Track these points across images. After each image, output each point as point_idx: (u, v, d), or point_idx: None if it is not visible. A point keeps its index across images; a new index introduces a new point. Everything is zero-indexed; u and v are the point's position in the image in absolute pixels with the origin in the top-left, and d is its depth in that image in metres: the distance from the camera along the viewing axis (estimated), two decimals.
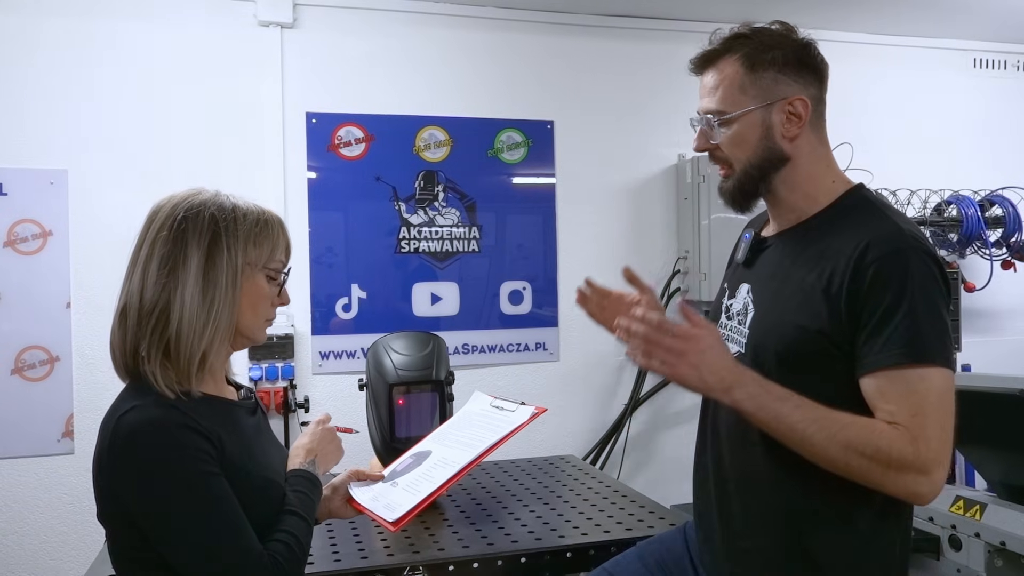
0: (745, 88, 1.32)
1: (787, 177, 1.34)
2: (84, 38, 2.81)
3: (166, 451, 1.13)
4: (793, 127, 1.31)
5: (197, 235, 1.21)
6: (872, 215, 1.28)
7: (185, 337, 1.19)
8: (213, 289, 1.21)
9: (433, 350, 2.15)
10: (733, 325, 1.41)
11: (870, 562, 1.28)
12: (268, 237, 1.28)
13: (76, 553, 2.77)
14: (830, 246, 1.27)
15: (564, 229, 3.31)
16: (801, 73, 1.33)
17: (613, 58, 3.36)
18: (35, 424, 2.75)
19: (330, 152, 3.06)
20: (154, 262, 1.20)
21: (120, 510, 1.17)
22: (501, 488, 2.36)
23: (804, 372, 1.26)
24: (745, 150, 1.33)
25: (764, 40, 1.34)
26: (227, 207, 1.26)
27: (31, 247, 2.76)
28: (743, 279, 1.43)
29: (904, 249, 1.22)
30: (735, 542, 1.38)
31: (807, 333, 1.26)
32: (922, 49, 3.72)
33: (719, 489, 1.42)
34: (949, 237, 3.41)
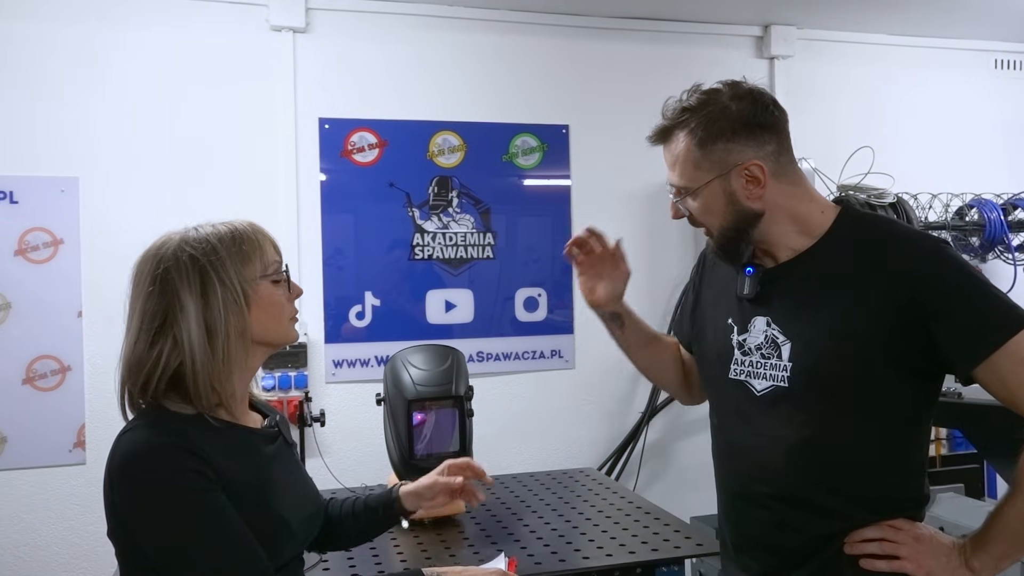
0: (699, 163, 1.35)
1: (770, 223, 1.37)
2: (95, 45, 2.77)
3: (159, 471, 1.12)
4: (755, 188, 1.34)
5: (185, 282, 1.19)
6: (884, 230, 1.34)
7: (203, 382, 1.17)
8: (217, 326, 1.19)
9: (452, 364, 2.11)
10: (755, 360, 1.40)
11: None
12: (253, 248, 1.26)
13: (88, 565, 2.75)
14: (857, 268, 1.30)
15: None
16: (752, 135, 1.33)
17: (628, 61, 3.31)
18: (46, 434, 2.72)
19: (343, 158, 3.02)
20: (148, 321, 1.18)
21: (124, 530, 1.15)
22: (519, 502, 2.33)
23: (856, 393, 1.29)
24: (715, 217, 1.37)
25: (710, 113, 1.34)
26: (201, 241, 1.23)
27: (42, 256, 2.72)
28: (755, 313, 1.41)
29: (935, 250, 1.28)
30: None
31: (857, 355, 1.28)
32: (942, 50, 3.66)
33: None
34: (971, 241, 3.36)
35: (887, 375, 1.28)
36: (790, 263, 1.38)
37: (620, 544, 1.90)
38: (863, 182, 3.16)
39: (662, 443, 3.33)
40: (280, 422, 1.37)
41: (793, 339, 1.35)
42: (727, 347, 1.45)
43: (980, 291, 1.25)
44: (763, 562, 1.41)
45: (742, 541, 1.46)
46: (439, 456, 2.03)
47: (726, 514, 1.50)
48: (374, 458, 2.76)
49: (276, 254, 1.30)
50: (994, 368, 1.22)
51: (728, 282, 1.49)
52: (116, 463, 1.14)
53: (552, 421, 3.21)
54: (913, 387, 1.31)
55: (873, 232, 1.33)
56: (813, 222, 1.37)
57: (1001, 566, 1.27)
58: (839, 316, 1.30)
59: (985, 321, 1.23)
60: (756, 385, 1.39)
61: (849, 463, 1.32)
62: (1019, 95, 3.76)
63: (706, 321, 1.55)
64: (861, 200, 3.10)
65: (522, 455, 3.17)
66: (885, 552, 1.29)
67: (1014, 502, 1.23)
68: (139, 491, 1.12)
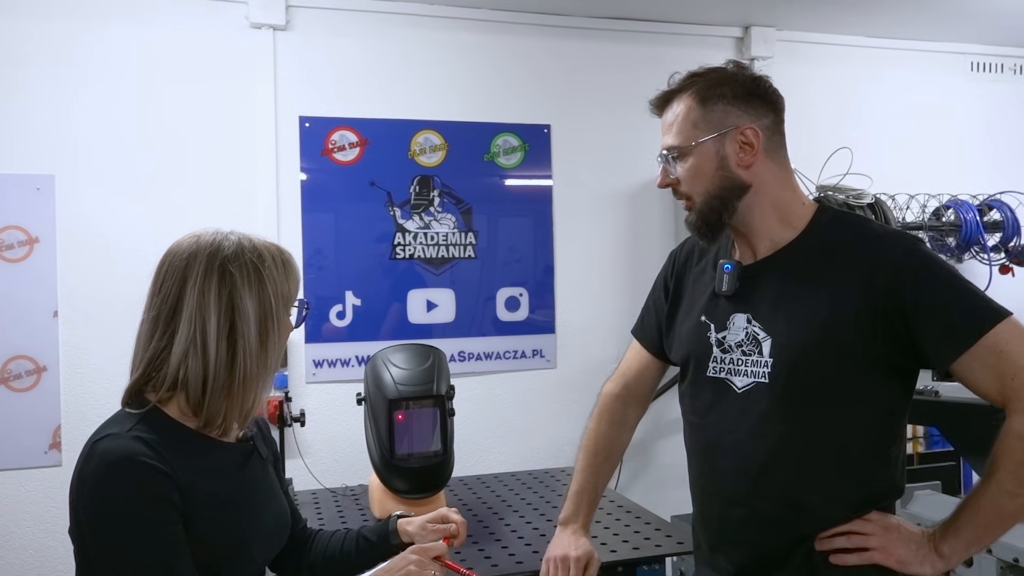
0: (697, 122, 1.37)
1: (753, 204, 1.38)
2: (71, 41, 2.74)
3: (126, 489, 1.11)
4: (747, 155, 1.36)
5: (247, 282, 1.20)
6: (861, 228, 1.37)
7: (250, 384, 1.19)
8: (271, 336, 1.21)
9: (434, 363, 2.10)
10: (736, 357, 1.40)
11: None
12: (292, 278, 1.28)
13: (64, 568, 2.71)
14: (835, 265, 1.33)
15: (561, 234, 3.27)
16: (751, 104, 1.37)
17: (610, 61, 3.32)
18: (21, 436, 2.68)
19: (324, 157, 3.00)
20: (212, 314, 1.17)
21: (80, 530, 1.15)
22: (501, 502, 2.32)
23: (836, 389, 1.31)
24: (703, 181, 1.38)
25: (715, 77, 1.39)
26: (255, 250, 1.24)
27: (17, 254, 2.68)
28: (735, 310, 1.42)
29: (910, 247, 1.30)
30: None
31: (837, 351, 1.30)
32: (919, 52, 3.70)
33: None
34: (948, 242, 3.39)
35: (866, 370, 1.30)
36: (769, 259, 1.40)
37: (601, 543, 1.90)
38: (842, 183, 3.18)
39: (643, 443, 3.33)
40: (256, 435, 1.36)
41: (774, 335, 1.36)
42: (705, 345, 1.46)
43: (957, 286, 1.27)
44: (737, 563, 1.41)
45: (718, 541, 1.46)
46: (420, 455, 2.02)
47: (702, 514, 1.50)
48: (354, 458, 2.75)
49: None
50: (972, 362, 1.24)
51: (701, 282, 1.51)
52: (89, 469, 1.12)
53: (534, 421, 3.21)
54: (891, 382, 1.33)
55: (850, 230, 1.36)
56: (794, 213, 1.39)
57: (970, 551, 1.30)
58: (819, 312, 1.31)
59: (963, 315, 1.25)
60: (736, 382, 1.39)
61: (828, 457, 1.33)
62: (995, 97, 3.81)
63: (679, 322, 1.55)
64: (840, 200, 3.12)
65: (503, 455, 3.16)
66: (854, 545, 1.31)
67: (987, 488, 1.25)
68: (101, 504, 1.11)
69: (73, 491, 1.15)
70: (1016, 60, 3.83)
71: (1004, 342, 1.23)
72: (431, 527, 1.44)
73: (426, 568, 1.27)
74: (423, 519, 1.46)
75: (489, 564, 1.79)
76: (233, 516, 1.22)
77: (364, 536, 1.46)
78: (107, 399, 2.67)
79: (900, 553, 1.29)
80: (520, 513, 2.18)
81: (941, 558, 1.28)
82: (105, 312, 2.71)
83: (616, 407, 1.69)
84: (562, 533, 1.62)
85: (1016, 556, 1.76)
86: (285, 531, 1.37)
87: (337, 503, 2.41)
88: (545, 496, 2.36)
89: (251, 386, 1.20)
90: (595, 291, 3.28)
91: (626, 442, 1.72)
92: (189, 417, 1.20)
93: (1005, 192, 3.41)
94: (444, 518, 1.45)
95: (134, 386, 1.21)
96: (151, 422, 1.17)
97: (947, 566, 1.29)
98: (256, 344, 1.19)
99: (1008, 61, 3.82)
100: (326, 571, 1.45)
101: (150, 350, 1.19)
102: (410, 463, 2.01)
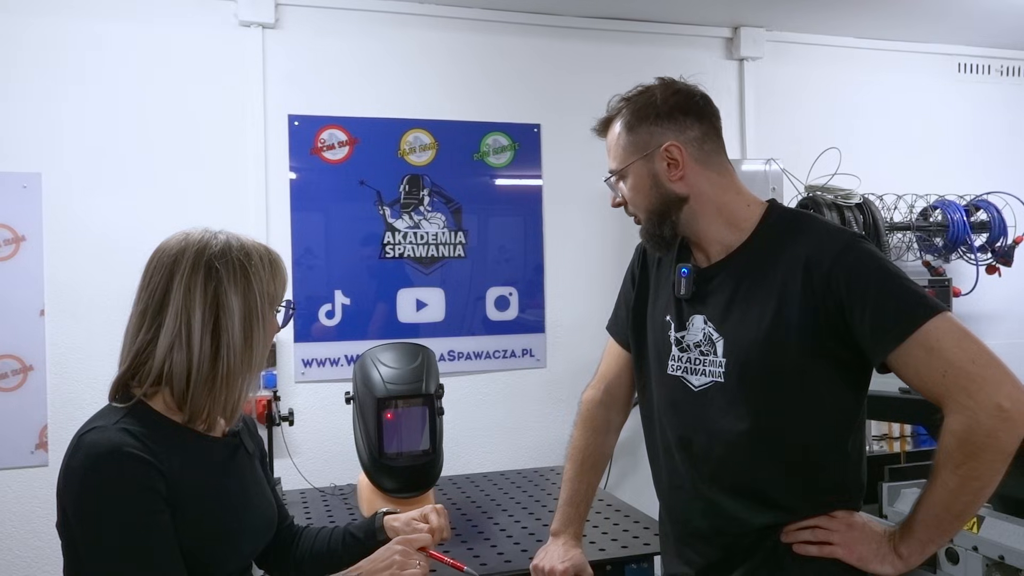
0: (626, 146, 1.44)
1: (695, 212, 1.42)
2: (59, 38, 2.72)
3: (113, 478, 1.11)
4: (675, 171, 1.41)
5: (233, 281, 1.21)
6: (804, 226, 1.39)
7: (233, 379, 1.19)
8: (256, 335, 1.21)
9: (423, 362, 2.10)
10: (694, 356, 1.43)
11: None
12: (277, 277, 1.29)
13: (52, 568, 2.69)
14: (781, 265, 1.35)
15: (551, 233, 3.27)
16: (674, 120, 1.42)
17: (599, 61, 3.32)
18: (8, 435, 2.66)
19: (313, 155, 2.99)
20: (197, 309, 1.18)
21: (67, 524, 1.15)
22: (490, 501, 2.32)
23: (788, 386, 1.34)
24: (642, 199, 1.45)
25: (641, 100, 1.45)
26: (244, 249, 1.25)
27: (3, 253, 2.66)
28: (693, 311, 1.45)
29: (848, 244, 1.32)
30: None
31: (786, 349, 1.32)
32: (907, 54, 3.72)
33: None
34: (935, 242, 3.41)
35: (816, 367, 1.32)
36: (722, 262, 1.43)
37: (591, 541, 1.90)
38: (830, 183, 3.20)
39: (632, 442, 3.33)
40: (242, 431, 1.36)
41: (726, 336, 1.39)
42: (666, 343, 1.49)
43: (891, 281, 1.28)
44: (705, 555, 1.44)
45: (684, 534, 1.49)
46: (409, 454, 2.02)
47: (667, 508, 1.54)
48: (343, 457, 2.74)
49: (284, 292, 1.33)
50: (905, 358, 1.25)
51: (667, 280, 1.53)
52: (76, 460, 1.13)
53: (523, 420, 3.21)
54: (843, 377, 1.35)
55: (793, 227, 1.39)
56: (739, 215, 1.42)
57: (927, 551, 1.31)
58: (766, 311, 1.34)
59: (896, 310, 1.25)
60: (693, 381, 1.43)
61: (785, 453, 1.35)
62: (982, 98, 3.83)
63: (645, 317, 1.57)
64: (828, 200, 3.14)
65: (493, 454, 3.16)
66: (818, 539, 1.34)
67: (933, 488, 1.26)
68: (89, 494, 1.11)
69: (60, 484, 1.15)
70: (1003, 61, 3.86)
71: (935, 339, 1.22)
72: (416, 524, 1.45)
73: (411, 558, 1.29)
74: (408, 515, 1.47)
75: (478, 563, 1.79)
76: (219, 508, 1.23)
77: (351, 533, 1.47)
78: (94, 399, 2.63)
79: (861, 551, 1.32)
80: (509, 512, 2.18)
81: (900, 558, 1.30)
82: (92, 311, 2.69)
83: (598, 413, 1.70)
84: (553, 543, 1.63)
85: (1002, 553, 1.77)
86: (272, 526, 1.38)
87: (326, 502, 2.40)
88: (535, 495, 2.36)
89: (235, 381, 1.21)
90: (585, 291, 3.28)
91: (611, 447, 1.73)
92: (175, 411, 1.22)
93: (992, 193, 3.44)
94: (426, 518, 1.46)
95: (121, 380, 1.21)
96: (137, 415, 1.18)
97: (906, 566, 1.31)
98: (240, 340, 1.20)
99: (995, 63, 3.84)
100: (313, 568, 1.45)
101: (136, 344, 1.20)
102: (399, 462, 2.01)
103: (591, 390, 1.72)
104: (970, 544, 1.84)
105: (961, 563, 1.86)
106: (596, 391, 1.70)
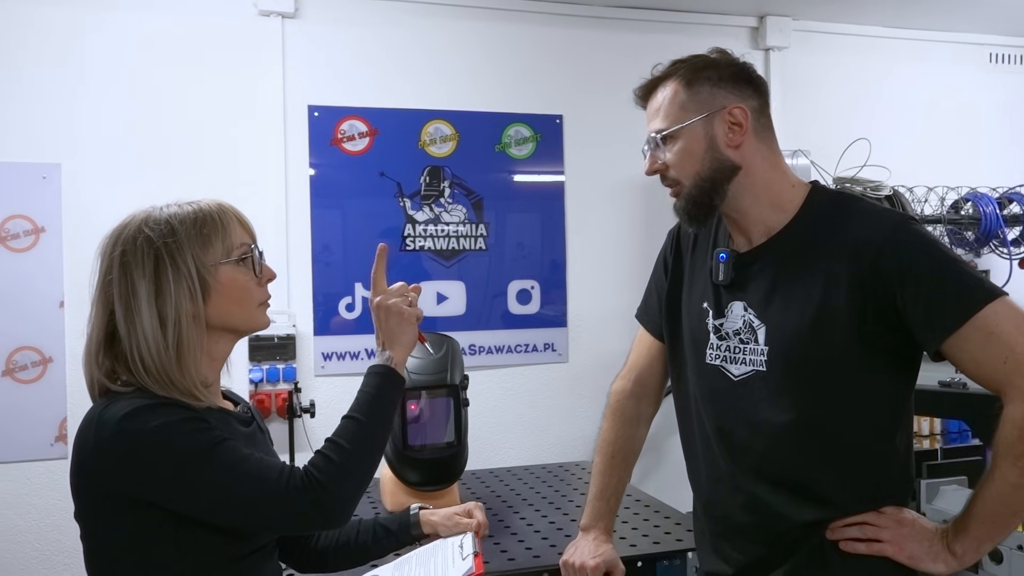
0: (684, 104, 1.36)
1: (744, 186, 1.35)
2: (79, 28, 2.70)
3: (159, 420, 1.07)
4: (736, 135, 1.34)
5: (140, 264, 1.15)
6: (852, 208, 1.33)
7: (157, 370, 1.12)
8: (167, 312, 1.14)
9: (447, 352, 2.06)
10: (734, 344, 1.38)
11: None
12: (214, 231, 1.19)
13: (70, 561, 2.67)
14: (827, 248, 1.30)
15: (573, 225, 3.23)
16: (737, 86, 1.36)
17: (623, 50, 3.27)
18: (27, 427, 2.65)
19: (333, 147, 2.96)
20: (112, 303, 1.15)
21: (108, 504, 1.10)
22: (516, 496, 2.28)
23: (834, 375, 1.28)
24: (693, 163, 1.35)
25: (699, 61, 1.38)
26: (161, 223, 1.17)
27: (23, 244, 2.65)
28: (732, 298, 1.40)
29: (899, 226, 1.27)
30: None
31: (833, 336, 1.27)
32: (937, 43, 3.65)
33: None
34: (966, 235, 3.33)
35: (862, 356, 1.27)
36: (763, 246, 1.37)
37: (620, 537, 1.85)
38: (859, 175, 3.13)
39: (656, 438, 3.26)
40: (252, 408, 1.34)
41: (768, 323, 1.34)
42: (703, 331, 1.43)
43: (946, 264, 1.22)
44: (745, 552, 1.38)
45: (722, 530, 1.43)
46: (433, 447, 1.98)
47: (704, 503, 1.47)
48: None
49: (246, 235, 1.24)
50: (962, 344, 1.19)
51: (703, 266, 1.47)
52: (107, 431, 1.08)
53: (545, 415, 3.17)
54: (892, 366, 1.30)
55: (840, 210, 1.33)
56: (784, 196, 1.37)
57: (983, 549, 1.26)
58: (812, 297, 1.29)
59: (952, 294, 1.20)
60: (732, 370, 1.37)
61: (831, 446, 1.30)
62: (1014, 88, 3.76)
63: (680, 305, 1.52)
64: (857, 192, 3.07)
65: (515, 449, 3.12)
66: (866, 536, 1.28)
67: (991, 482, 1.21)
68: (140, 446, 1.06)
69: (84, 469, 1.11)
70: None
71: (995, 324, 1.17)
72: (457, 519, 1.41)
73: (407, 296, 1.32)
74: (449, 510, 1.44)
75: (505, 558, 1.74)
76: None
77: (382, 525, 1.43)
78: None
79: (912, 548, 1.26)
80: (535, 507, 2.14)
81: (954, 556, 1.25)
82: None
83: (629, 405, 1.64)
84: (583, 538, 1.58)
85: None
86: None
87: None
88: (560, 490, 2.32)
89: (184, 353, 1.15)
90: (607, 284, 3.23)
91: (642, 440, 1.67)
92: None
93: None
94: (470, 513, 1.43)
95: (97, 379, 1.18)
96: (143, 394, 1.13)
97: (960, 565, 1.25)
98: (152, 324, 1.13)
99: None
100: (338, 558, 1.41)
101: (93, 338, 1.19)
102: (423, 454, 1.97)
103: (621, 381, 1.66)
104: (1015, 543, 1.78)
105: (1005, 562, 1.80)
106: (626, 382, 1.65)
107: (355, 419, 1.19)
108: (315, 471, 1.11)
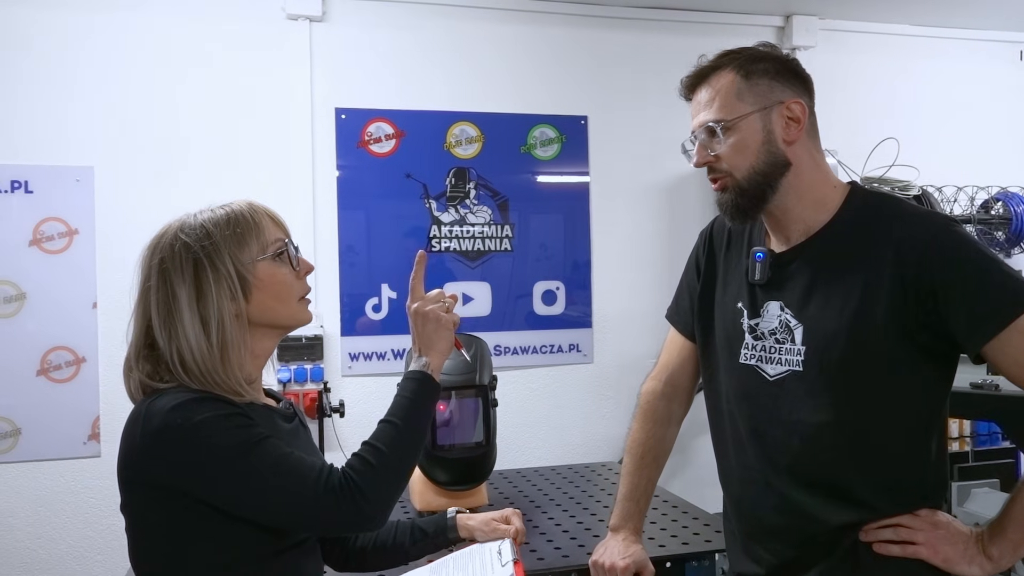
0: (742, 95, 1.32)
1: (791, 184, 1.33)
2: (112, 33, 2.74)
3: (207, 419, 1.09)
4: (793, 131, 1.32)
5: (179, 270, 1.17)
6: (893, 210, 1.32)
7: (204, 372, 1.14)
8: (210, 315, 1.16)
9: (476, 353, 2.07)
10: (769, 344, 1.37)
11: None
12: (248, 230, 1.21)
13: (103, 558, 2.72)
14: (867, 249, 1.28)
15: (598, 227, 3.23)
16: (792, 81, 1.34)
17: (648, 51, 3.27)
18: (61, 426, 2.70)
19: (360, 149, 2.98)
20: (154, 313, 1.17)
21: (153, 496, 1.12)
22: (542, 495, 2.29)
23: (872, 377, 1.27)
24: (748, 157, 1.32)
25: (753, 53, 1.36)
26: (196, 228, 1.19)
27: (57, 246, 2.70)
28: (768, 297, 1.38)
29: (941, 228, 1.25)
30: None
31: (871, 337, 1.25)
32: (967, 41, 3.61)
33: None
34: (996, 235, 3.30)
35: (903, 357, 1.26)
36: (801, 246, 1.36)
37: (649, 537, 1.85)
38: (887, 174, 3.11)
39: (682, 440, 3.21)
40: (294, 405, 1.36)
41: (805, 323, 1.32)
42: (738, 331, 1.42)
43: (989, 267, 1.21)
44: (777, 553, 1.37)
45: (754, 531, 1.42)
46: (462, 446, 1.99)
47: (736, 504, 1.46)
48: None
49: (279, 231, 1.25)
50: (1004, 347, 1.18)
51: (737, 265, 1.46)
52: (154, 423, 1.09)
53: (570, 416, 3.17)
54: (927, 368, 1.28)
55: (882, 211, 1.32)
56: (826, 195, 1.35)
57: (1019, 552, 1.25)
58: (850, 298, 1.27)
59: (995, 297, 1.19)
60: (768, 370, 1.36)
61: (866, 447, 1.29)
62: None
63: (714, 305, 1.50)
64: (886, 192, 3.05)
65: (540, 450, 3.12)
66: (901, 538, 1.27)
67: None
68: (198, 435, 1.08)
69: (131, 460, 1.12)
70: None
71: None
72: (495, 524, 1.42)
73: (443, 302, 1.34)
74: (487, 515, 1.44)
75: (535, 558, 1.75)
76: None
77: (419, 527, 1.44)
78: None
79: (947, 551, 1.25)
80: (563, 507, 2.14)
81: (990, 560, 1.23)
82: None
83: (660, 405, 1.63)
84: (612, 539, 1.58)
85: None
86: None
87: None
88: (587, 490, 2.32)
89: (228, 352, 1.16)
90: (632, 285, 3.23)
91: (672, 440, 1.66)
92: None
93: None
94: (508, 519, 1.43)
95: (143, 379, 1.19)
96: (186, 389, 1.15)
97: (996, 568, 1.24)
98: (194, 327, 1.15)
99: None
100: (377, 558, 1.43)
101: (134, 343, 1.20)
102: (452, 454, 1.98)
103: (651, 381, 1.66)
104: None
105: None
106: (657, 382, 1.64)
107: (392, 423, 1.21)
108: (353, 473, 1.13)
